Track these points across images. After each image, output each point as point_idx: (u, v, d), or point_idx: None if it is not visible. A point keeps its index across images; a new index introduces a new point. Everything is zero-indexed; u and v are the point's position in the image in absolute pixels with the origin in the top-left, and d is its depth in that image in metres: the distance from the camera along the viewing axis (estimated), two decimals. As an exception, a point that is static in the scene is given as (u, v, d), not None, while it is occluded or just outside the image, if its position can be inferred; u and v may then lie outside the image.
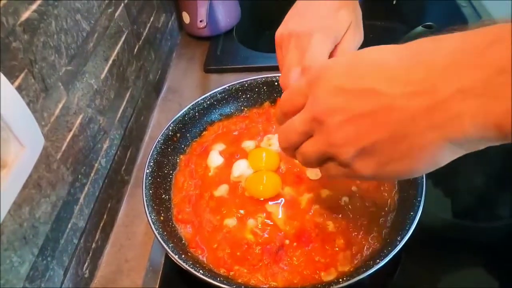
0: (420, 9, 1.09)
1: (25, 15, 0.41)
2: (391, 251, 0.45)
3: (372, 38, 1.16)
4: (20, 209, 0.40)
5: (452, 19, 0.93)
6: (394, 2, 1.12)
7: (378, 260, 0.45)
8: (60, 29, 0.47)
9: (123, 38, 0.65)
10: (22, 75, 0.40)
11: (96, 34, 0.56)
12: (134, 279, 0.54)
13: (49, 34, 0.45)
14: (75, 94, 0.50)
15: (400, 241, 0.46)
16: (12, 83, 0.38)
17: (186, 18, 0.92)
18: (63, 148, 0.48)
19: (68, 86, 0.49)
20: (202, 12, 0.81)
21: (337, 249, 0.50)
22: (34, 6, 0.42)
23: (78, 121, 0.51)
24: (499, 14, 0.89)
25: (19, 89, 0.39)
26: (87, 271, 0.53)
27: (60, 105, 0.47)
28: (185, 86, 0.84)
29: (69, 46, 0.49)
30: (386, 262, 0.44)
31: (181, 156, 0.64)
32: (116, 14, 0.62)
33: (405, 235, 0.46)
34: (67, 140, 0.48)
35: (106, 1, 0.59)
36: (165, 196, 0.58)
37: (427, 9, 1.09)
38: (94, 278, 0.55)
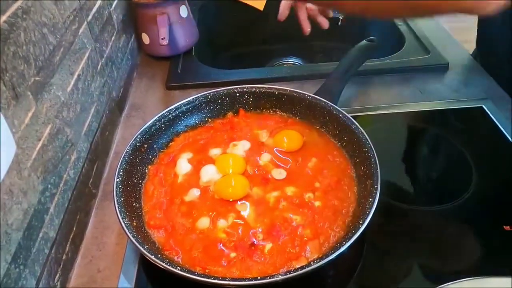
0: (362, 29, 1.19)
1: (-4, 25, 0.42)
2: (355, 233, 0.49)
3: (321, 56, 1.24)
4: (-7, 214, 0.40)
5: (391, 36, 1.03)
6: (339, 23, 1.22)
7: (344, 242, 0.48)
8: (29, 41, 0.48)
9: (87, 54, 0.66)
10: (-6, 82, 0.41)
11: (62, 48, 0.57)
12: (107, 288, 0.54)
13: (19, 45, 0.46)
14: (43, 104, 0.51)
15: (362, 224, 0.50)
16: (-15, 89, 0.39)
17: (145, 39, 0.95)
18: (33, 156, 0.48)
19: (37, 96, 0.50)
20: (163, 30, 0.84)
21: (305, 239, 0.54)
22: (4, 17, 0.44)
23: (47, 131, 0.51)
24: (430, 31, 1.00)
25: (-9, 95, 0.40)
26: (58, 282, 0.52)
27: (30, 114, 0.48)
28: (148, 103, 0.86)
29: (37, 58, 0.50)
30: (352, 243, 0.48)
31: (149, 167, 0.65)
32: (80, 31, 0.64)
33: (366, 218, 0.50)
34: (37, 149, 0.49)
35: (71, 18, 0.61)
36: (136, 204, 0.59)
37: (367, 29, 1.20)
38: (66, 290, 0.54)
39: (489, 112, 0.76)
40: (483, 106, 0.78)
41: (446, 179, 0.66)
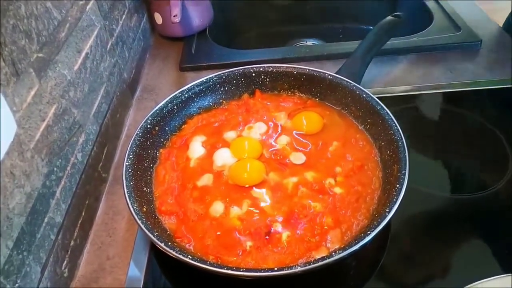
0: (385, 8, 1.13)
1: (-7, -6, 0.39)
2: (381, 222, 0.45)
3: (342, 38, 1.17)
4: (-8, 197, 0.37)
5: (417, 12, 0.97)
6: None
7: (369, 232, 0.44)
8: (30, 14, 0.45)
9: (95, 32, 0.63)
10: (-9, 56, 0.38)
11: (68, 24, 0.54)
12: (117, 276, 0.52)
13: (19, 18, 0.43)
14: (47, 83, 0.48)
15: (388, 213, 0.46)
16: (-19, 63, 0.36)
17: (158, 18, 0.91)
18: (37, 137, 0.45)
19: (40, 74, 0.47)
20: (175, 7, 0.80)
21: (326, 227, 0.50)
22: (2, -13, 0.41)
23: (52, 111, 0.49)
24: (461, 7, 0.93)
25: (-12, 70, 0.37)
26: (66, 269, 0.50)
27: (32, 92, 0.45)
28: (161, 85, 0.83)
29: (40, 33, 0.47)
30: (377, 234, 0.44)
31: (161, 150, 0.62)
32: (88, 7, 0.61)
33: (393, 206, 0.46)
34: (41, 129, 0.46)
35: (77, -7, 0.58)
36: (147, 189, 0.56)
37: (392, 7, 1.13)
38: (74, 277, 0.52)
39: (526, 93, 0.70)
40: (520, 86, 0.72)
41: (479, 165, 0.61)
